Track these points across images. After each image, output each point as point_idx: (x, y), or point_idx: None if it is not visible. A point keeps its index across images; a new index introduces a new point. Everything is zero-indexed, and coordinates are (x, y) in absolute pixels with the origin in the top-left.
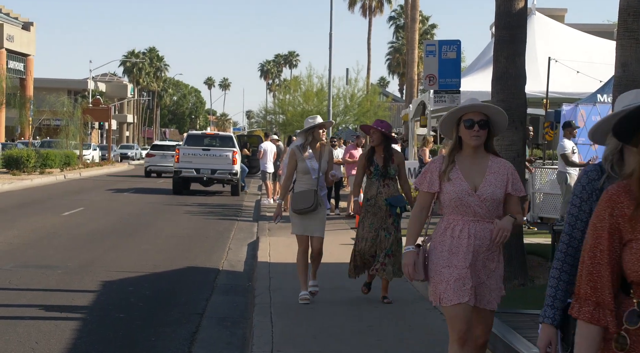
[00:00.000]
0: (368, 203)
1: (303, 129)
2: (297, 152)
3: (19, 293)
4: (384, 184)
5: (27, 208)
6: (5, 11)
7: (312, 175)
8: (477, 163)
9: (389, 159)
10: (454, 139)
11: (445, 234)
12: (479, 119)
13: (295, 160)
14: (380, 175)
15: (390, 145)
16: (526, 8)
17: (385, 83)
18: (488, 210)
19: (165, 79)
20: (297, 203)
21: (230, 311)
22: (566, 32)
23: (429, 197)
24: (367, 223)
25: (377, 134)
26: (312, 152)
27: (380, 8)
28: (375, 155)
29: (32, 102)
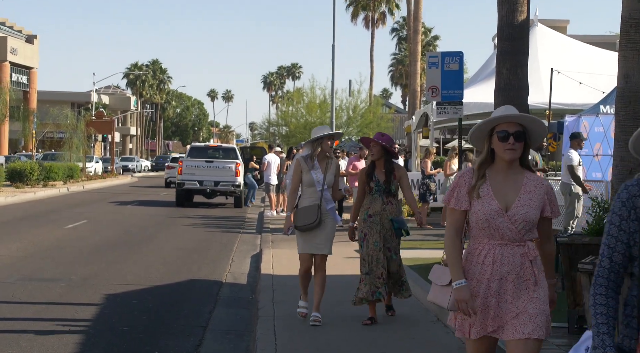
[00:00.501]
0: (371, 220)
1: (310, 139)
2: (302, 164)
3: (22, 307)
4: (388, 201)
5: (30, 221)
6: (9, 24)
7: (316, 188)
8: (511, 179)
9: (390, 174)
10: (485, 151)
11: (470, 260)
12: (514, 130)
13: (301, 172)
14: (383, 191)
15: (391, 159)
16: (528, 20)
17: (388, 94)
18: (519, 234)
19: (168, 91)
20: (299, 219)
21: (234, 324)
22: (568, 43)
23: (461, 216)
24: (372, 241)
25: (377, 147)
26: (317, 164)
27: (383, 20)
28: (375, 170)
29: (35, 114)
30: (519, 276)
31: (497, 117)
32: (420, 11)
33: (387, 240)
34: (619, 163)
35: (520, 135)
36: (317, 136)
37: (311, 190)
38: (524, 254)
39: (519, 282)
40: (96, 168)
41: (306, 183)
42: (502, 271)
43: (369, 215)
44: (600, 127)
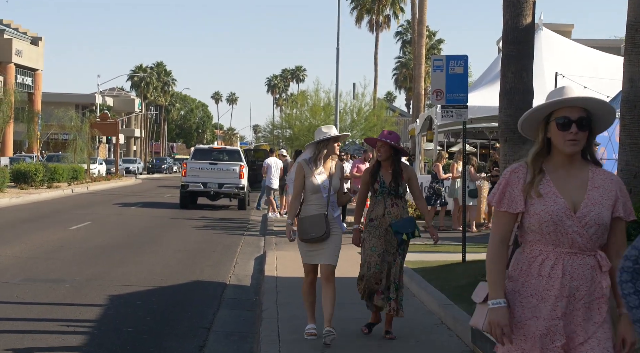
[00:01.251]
0: (372, 225)
1: (314, 140)
2: (305, 167)
3: (26, 307)
4: (393, 204)
5: (34, 222)
6: (14, 26)
7: (322, 194)
8: (574, 175)
9: (398, 175)
10: (540, 142)
11: (530, 272)
12: (577, 116)
13: (304, 177)
14: (387, 193)
15: (399, 159)
16: (534, 24)
17: (392, 98)
18: (590, 239)
19: (172, 94)
20: (304, 231)
21: (238, 325)
22: (573, 47)
23: (510, 220)
24: (368, 245)
25: (385, 147)
26: (322, 168)
27: (387, 23)
28: (381, 171)
29: (40, 116)
30: (589, 293)
31: (556, 100)
32: (424, 14)
33: (390, 245)
34: (624, 167)
35: (585, 123)
36: (323, 138)
37: (316, 196)
38: (595, 266)
39: (590, 300)
40: (100, 169)
41: (310, 190)
42: (572, 286)
43: (371, 219)
44: (605, 131)
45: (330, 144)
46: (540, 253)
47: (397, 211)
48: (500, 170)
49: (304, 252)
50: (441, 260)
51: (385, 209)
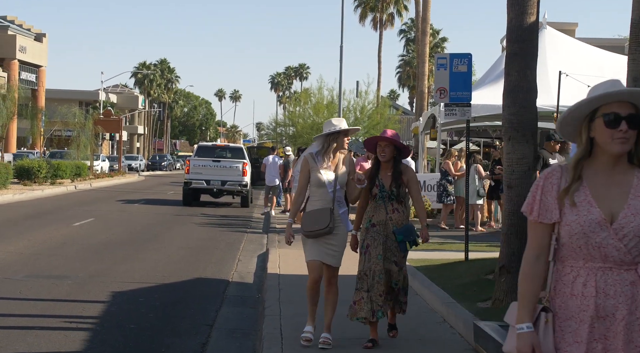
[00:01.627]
0: (374, 231)
1: (322, 133)
2: (310, 161)
3: (29, 304)
4: (394, 209)
5: (38, 218)
6: (18, 22)
7: (327, 189)
8: (617, 181)
9: (398, 178)
10: (584, 143)
11: (562, 291)
12: (627, 112)
13: (309, 171)
14: (388, 197)
15: (400, 160)
16: (537, 22)
17: (395, 96)
18: (629, 254)
19: (176, 91)
20: (308, 224)
21: (240, 322)
22: (577, 46)
23: (546, 232)
24: (374, 254)
25: (390, 147)
26: (329, 162)
27: (391, 21)
28: (380, 173)
29: (43, 112)
30: (631, 312)
31: (603, 94)
32: (428, 13)
33: (391, 253)
34: None
35: (636, 121)
36: (332, 130)
37: (321, 191)
38: (636, 282)
39: (632, 320)
40: (102, 166)
41: (315, 184)
42: (608, 306)
43: (372, 225)
44: None
45: (339, 137)
46: (571, 270)
47: (398, 217)
48: (504, 169)
49: (308, 248)
50: (444, 259)
51: (387, 215)
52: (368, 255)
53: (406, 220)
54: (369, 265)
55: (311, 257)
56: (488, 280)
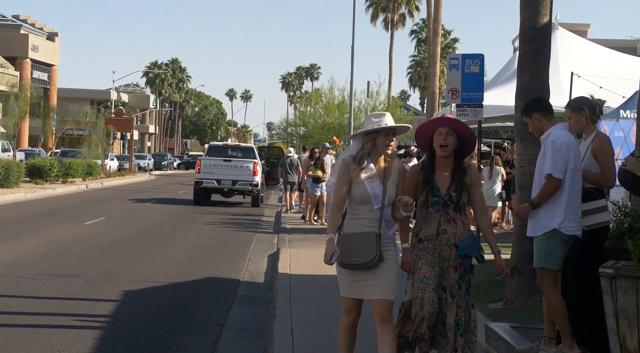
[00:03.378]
0: (421, 247)
1: (361, 130)
2: (350, 165)
3: (41, 302)
4: (450, 219)
5: (49, 217)
6: (30, 22)
7: (373, 205)
8: None
9: (460, 179)
10: None
11: None
12: None
13: (349, 180)
14: (444, 204)
15: (463, 156)
16: (550, 23)
17: (406, 96)
18: None
19: (187, 90)
20: (347, 253)
21: (251, 322)
22: (589, 47)
23: None
24: (419, 276)
25: (453, 137)
26: (373, 169)
27: (403, 22)
28: (435, 173)
29: (55, 111)
30: None
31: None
32: (440, 13)
33: (445, 276)
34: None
35: None
36: (371, 129)
37: (364, 209)
38: None
39: None
40: (111, 165)
41: (358, 199)
42: None
43: (420, 240)
44: (620, 131)
45: (378, 137)
46: None
47: (454, 230)
48: (516, 170)
49: (345, 281)
50: None
51: (439, 227)
52: (413, 279)
53: (467, 232)
54: (415, 292)
55: (348, 293)
56: (499, 281)
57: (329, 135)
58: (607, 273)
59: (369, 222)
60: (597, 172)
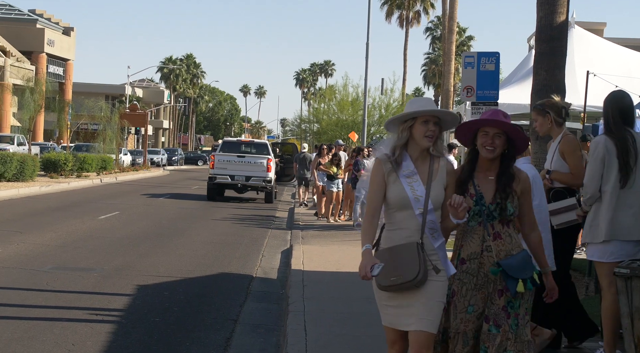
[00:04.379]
0: (464, 269)
1: (395, 116)
2: (384, 164)
3: (56, 295)
4: (496, 234)
5: (64, 211)
6: (46, 16)
7: (414, 210)
8: None
9: (508, 185)
10: None
11: None
12: None
13: (384, 182)
14: (489, 215)
15: (513, 157)
16: (567, 21)
17: (420, 94)
18: None
19: (201, 86)
20: (384, 273)
21: (264, 318)
22: (605, 45)
23: None
24: (463, 304)
25: (501, 138)
26: (413, 167)
27: (418, 19)
28: (476, 176)
29: (70, 106)
30: None
31: None
32: (455, 11)
33: (488, 302)
34: None
35: None
36: (407, 113)
37: (404, 215)
38: None
39: None
40: (125, 160)
41: (395, 203)
42: None
43: (462, 260)
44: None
45: (416, 125)
46: None
47: (500, 246)
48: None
49: (383, 306)
50: None
51: (483, 243)
52: (454, 308)
53: (516, 248)
54: (456, 323)
55: (389, 321)
56: None
57: (343, 132)
58: (622, 273)
59: (409, 232)
60: (566, 172)
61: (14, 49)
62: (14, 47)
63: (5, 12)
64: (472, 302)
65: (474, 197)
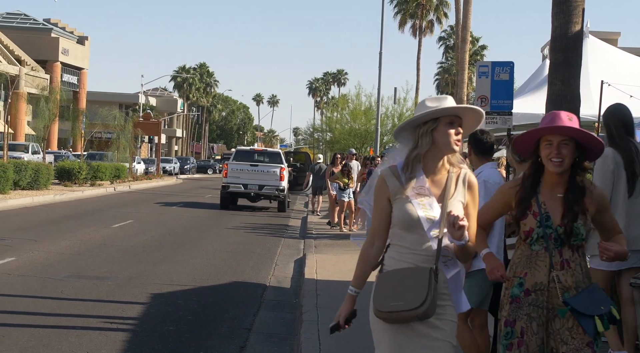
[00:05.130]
0: (529, 301)
1: (412, 118)
2: (391, 181)
3: (70, 303)
4: (563, 261)
5: (78, 219)
6: (61, 25)
7: (425, 233)
8: None
9: (578, 202)
10: None
11: None
12: None
13: (388, 198)
14: (556, 239)
15: (584, 169)
16: (582, 31)
17: None
18: None
19: (214, 95)
20: (385, 296)
21: (278, 327)
22: (619, 55)
23: None
24: (535, 341)
25: (569, 146)
26: (426, 180)
27: (431, 28)
28: (540, 192)
29: (84, 114)
30: None
31: None
32: (469, 20)
33: (558, 344)
34: None
35: None
36: (424, 112)
37: (413, 238)
38: None
39: None
40: (138, 169)
41: (402, 223)
42: None
43: (527, 291)
44: None
45: (439, 127)
46: None
47: (569, 277)
48: None
49: (384, 341)
50: None
51: (550, 273)
52: (525, 349)
53: (586, 279)
54: None
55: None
56: None
57: (356, 141)
58: (638, 284)
59: (419, 258)
60: None
61: (29, 58)
62: (29, 56)
63: (20, 21)
64: (540, 340)
65: (538, 217)
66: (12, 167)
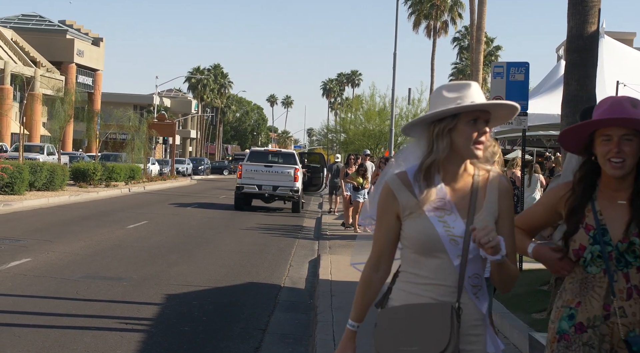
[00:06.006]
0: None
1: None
2: (398, 192)
3: (86, 304)
4: (630, 289)
5: (93, 220)
6: (76, 27)
7: (449, 257)
8: None
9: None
10: None
11: None
12: None
13: (397, 213)
14: (618, 259)
15: None
16: (598, 31)
17: None
18: None
19: (228, 96)
20: (394, 339)
21: (293, 328)
22: (635, 55)
23: None
24: None
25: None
26: (445, 191)
27: (445, 29)
28: (597, 199)
29: (99, 115)
30: None
31: None
32: (483, 21)
33: None
34: None
35: None
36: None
37: (432, 263)
38: None
39: None
40: (152, 169)
41: (419, 246)
42: None
43: (579, 326)
44: None
45: (459, 126)
46: None
47: (638, 309)
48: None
49: None
50: None
51: (613, 303)
52: None
53: None
54: None
55: None
56: (543, 291)
57: (370, 141)
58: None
59: (439, 290)
60: None
61: (44, 59)
62: (44, 57)
63: (35, 23)
64: None
65: (591, 230)
66: (28, 168)
